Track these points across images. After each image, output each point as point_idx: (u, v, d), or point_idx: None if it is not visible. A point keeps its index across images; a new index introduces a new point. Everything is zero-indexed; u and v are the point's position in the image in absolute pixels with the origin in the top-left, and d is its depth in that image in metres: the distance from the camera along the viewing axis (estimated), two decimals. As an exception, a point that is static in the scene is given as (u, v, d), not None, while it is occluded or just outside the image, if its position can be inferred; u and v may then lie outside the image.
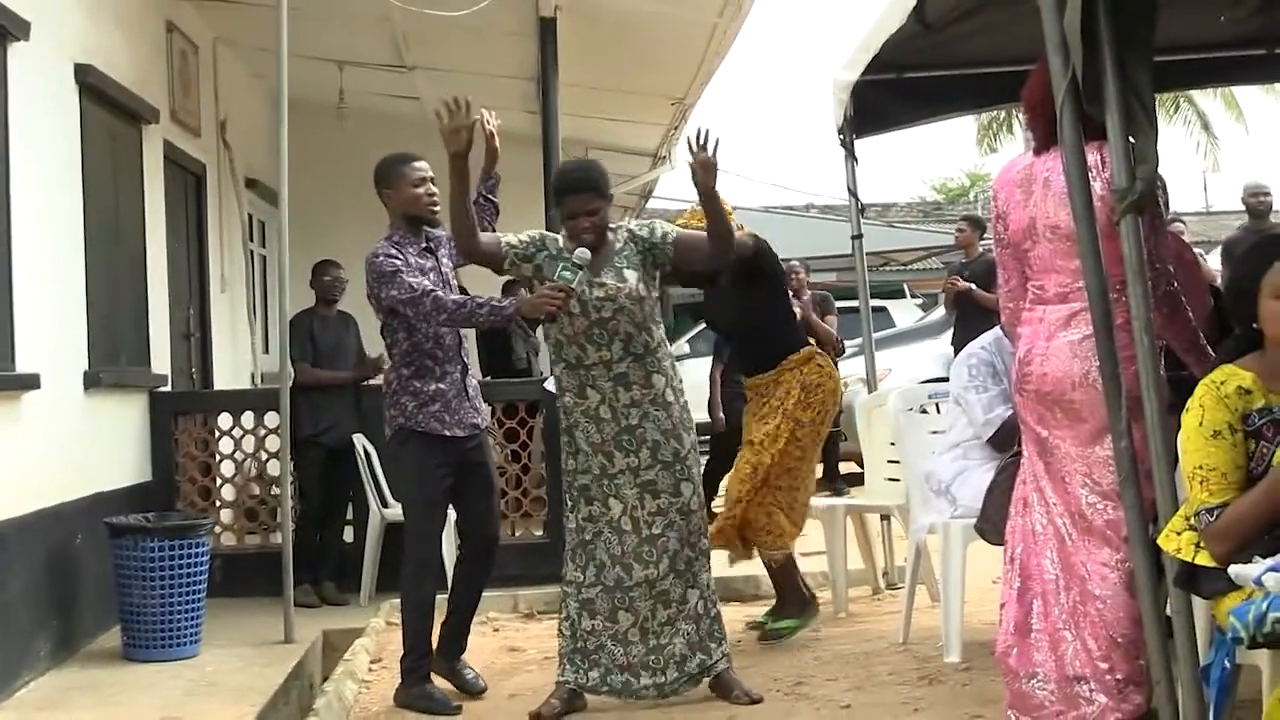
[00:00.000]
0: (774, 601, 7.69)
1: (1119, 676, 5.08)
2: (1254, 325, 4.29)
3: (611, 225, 6.31)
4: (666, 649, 6.20)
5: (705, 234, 6.20)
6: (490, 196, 6.71)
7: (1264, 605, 3.72)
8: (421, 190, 6.43)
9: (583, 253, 6.03)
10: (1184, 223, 12.16)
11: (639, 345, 6.15)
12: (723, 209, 6.09)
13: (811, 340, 7.83)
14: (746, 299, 7.39)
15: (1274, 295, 4.20)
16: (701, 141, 5.96)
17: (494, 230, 6.61)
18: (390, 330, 6.45)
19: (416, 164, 6.48)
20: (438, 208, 6.47)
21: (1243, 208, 13.63)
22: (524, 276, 6.36)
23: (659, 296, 6.32)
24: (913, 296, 24.51)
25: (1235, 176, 51.98)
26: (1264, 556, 3.91)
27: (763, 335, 7.50)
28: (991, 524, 6.22)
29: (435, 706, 6.36)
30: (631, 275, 6.14)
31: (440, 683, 6.54)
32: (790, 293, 12.57)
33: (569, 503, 6.27)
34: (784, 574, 7.51)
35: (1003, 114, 30.29)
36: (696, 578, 6.25)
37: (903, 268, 28.96)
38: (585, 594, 6.21)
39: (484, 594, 7.89)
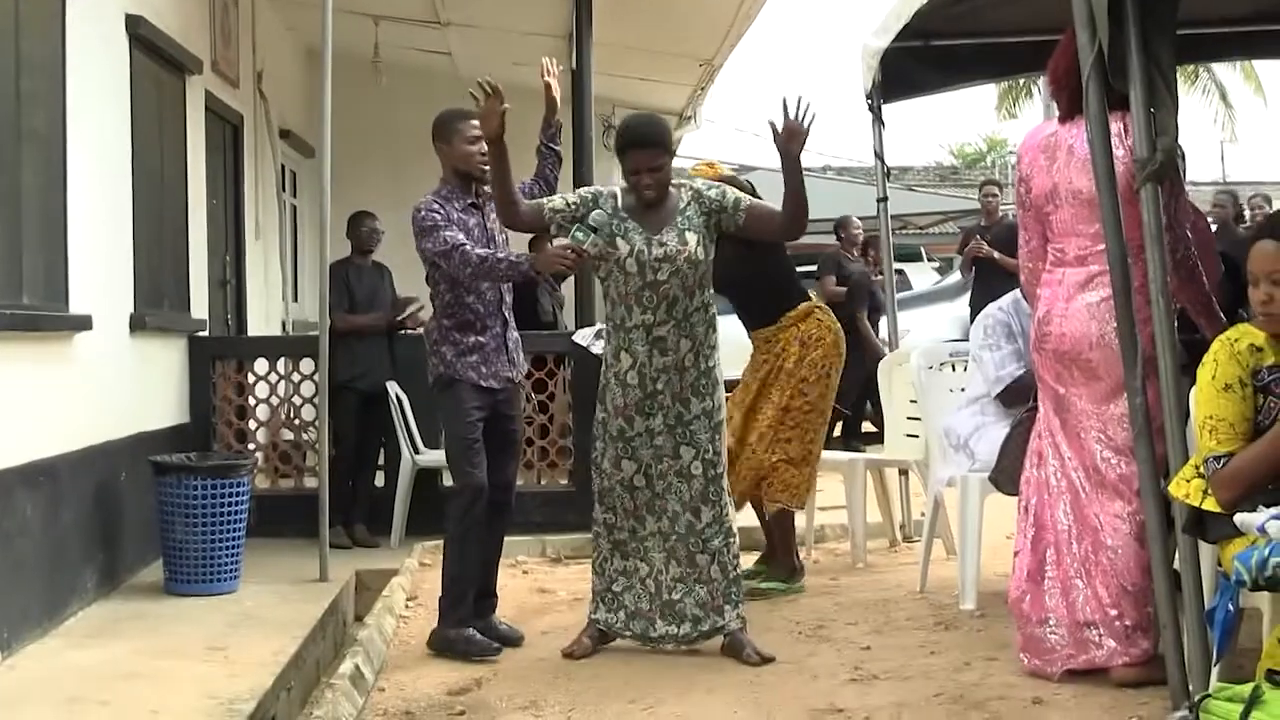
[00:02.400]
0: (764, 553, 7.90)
1: (1128, 623, 5.34)
2: None
3: (675, 182, 6.31)
4: (678, 606, 6.30)
5: (776, 209, 6.22)
6: (552, 145, 6.80)
7: (1266, 551, 3.99)
8: (474, 148, 6.51)
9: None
10: (1196, 190, 12.31)
11: (680, 310, 6.17)
12: (802, 181, 6.05)
13: (811, 295, 7.93)
14: (745, 257, 7.36)
15: (1254, 283, 4.47)
16: (799, 110, 5.93)
17: (557, 176, 6.79)
18: (434, 282, 6.60)
19: (473, 122, 6.52)
20: (487, 165, 6.49)
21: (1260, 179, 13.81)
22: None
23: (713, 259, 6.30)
24: (929, 260, 24.65)
25: (1253, 148, 51.90)
26: (1267, 505, 4.16)
27: (762, 291, 7.63)
28: (1006, 475, 6.46)
29: (474, 648, 6.43)
30: (692, 238, 6.14)
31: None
32: (843, 244, 12.97)
33: (597, 450, 6.36)
34: (781, 531, 7.67)
35: (1022, 80, 30.36)
36: (705, 543, 6.28)
37: (920, 231, 29.07)
38: (616, 535, 6.35)
39: (513, 539, 8.14)
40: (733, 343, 7.13)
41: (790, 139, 5.93)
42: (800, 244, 7.46)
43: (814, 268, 13.88)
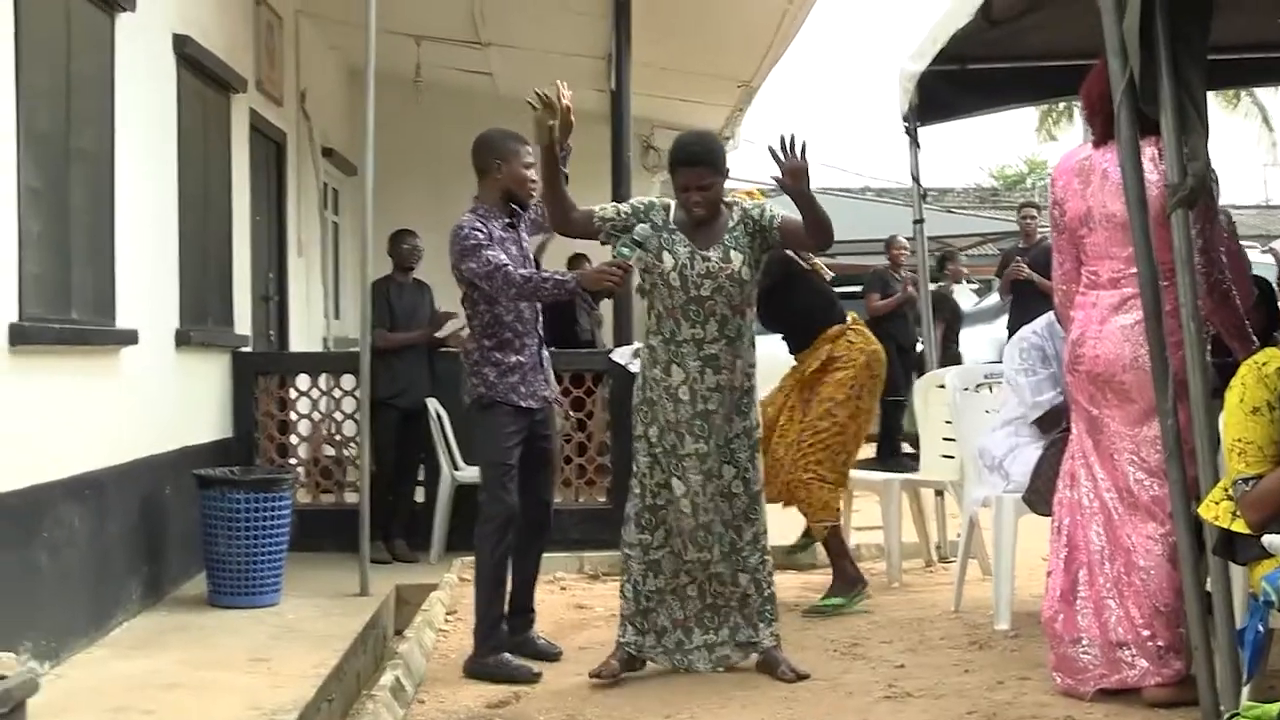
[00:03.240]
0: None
1: (1160, 643, 5.39)
2: None
3: (726, 201, 6.31)
4: (722, 610, 6.35)
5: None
6: (560, 168, 6.76)
7: (1294, 571, 4.03)
8: (530, 173, 6.57)
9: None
10: (1228, 215, 12.34)
11: (732, 328, 6.16)
12: (817, 208, 6.01)
13: (852, 315, 8.03)
14: (780, 291, 7.55)
15: None
16: (789, 148, 5.90)
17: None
18: (472, 302, 6.61)
19: (529, 148, 6.61)
20: (536, 194, 6.61)
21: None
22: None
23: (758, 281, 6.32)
24: (968, 282, 24.67)
25: (1296, 169, 51.63)
26: (1295, 527, 4.21)
27: (796, 319, 7.77)
28: (1039, 495, 6.52)
29: (515, 673, 6.42)
30: (737, 257, 6.14)
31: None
32: (891, 264, 13.39)
33: (639, 469, 6.31)
34: (835, 548, 7.72)
35: (1063, 103, 30.37)
36: (745, 560, 6.31)
37: (960, 253, 29.10)
38: (653, 555, 6.29)
39: (551, 556, 8.20)
40: (768, 360, 7.16)
41: (795, 179, 5.93)
42: (846, 264, 7.58)
43: (860, 288, 14.13)
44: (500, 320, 6.56)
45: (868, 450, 14.51)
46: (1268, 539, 4.27)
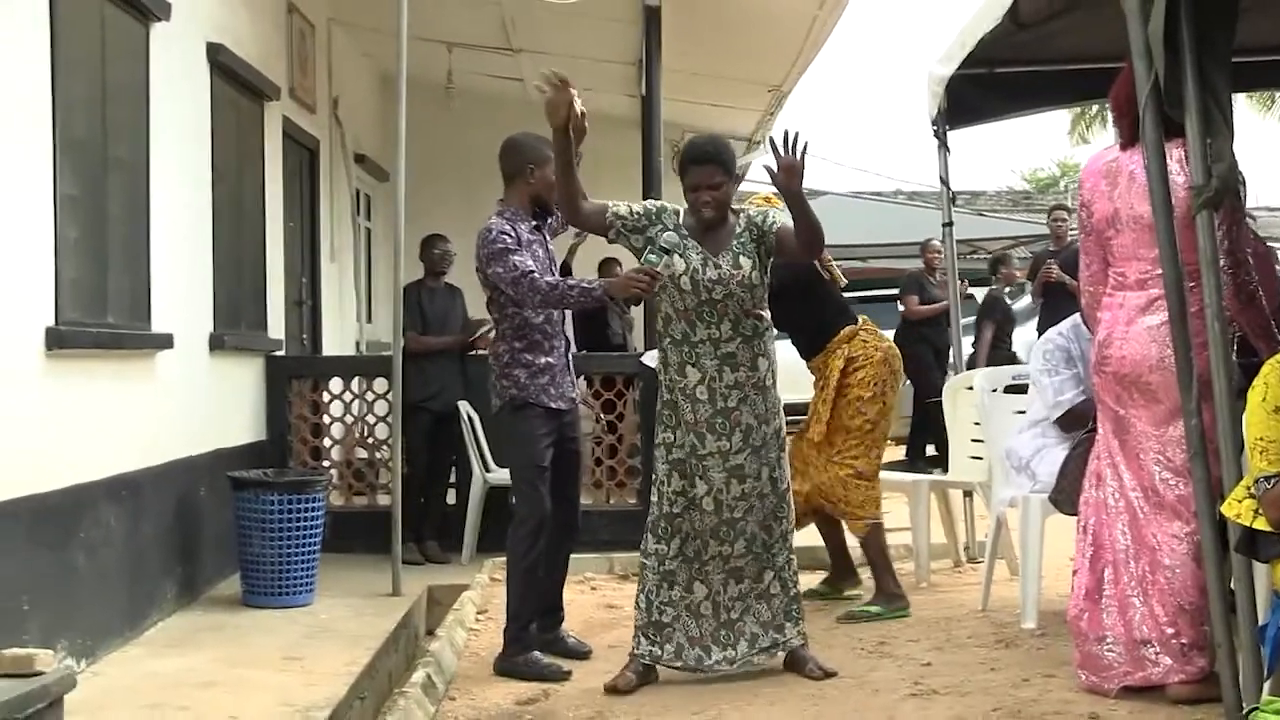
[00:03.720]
0: (831, 571, 8.15)
1: (1184, 641, 5.44)
2: None
3: (734, 208, 6.37)
4: (737, 625, 6.31)
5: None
6: (574, 154, 6.75)
7: (1314, 568, 4.07)
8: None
9: (670, 236, 6.17)
10: (1254, 218, 12.38)
11: (748, 327, 6.21)
12: (808, 210, 6.05)
13: (862, 317, 8.10)
14: (789, 296, 7.63)
15: None
16: (790, 145, 5.91)
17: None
18: (499, 305, 6.63)
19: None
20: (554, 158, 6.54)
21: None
22: (633, 248, 6.34)
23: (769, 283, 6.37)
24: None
25: (1330, 171, 51.42)
26: (1316, 524, 4.25)
27: (812, 325, 7.82)
28: (1065, 495, 6.56)
29: (545, 672, 6.48)
30: (746, 262, 6.18)
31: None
32: (926, 267, 13.55)
33: (659, 475, 6.32)
34: (877, 551, 7.74)
35: (1095, 106, 30.32)
36: (774, 559, 6.32)
37: (990, 256, 29.08)
38: (668, 565, 6.29)
39: (582, 556, 8.26)
40: (788, 368, 7.21)
41: (789, 177, 5.93)
42: (877, 268, 7.62)
43: (896, 291, 14.30)
44: (529, 322, 6.60)
45: (896, 452, 14.62)
46: (1288, 537, 4.32)
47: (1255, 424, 4.57)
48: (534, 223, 6.69)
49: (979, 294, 19.82)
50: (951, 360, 10.05)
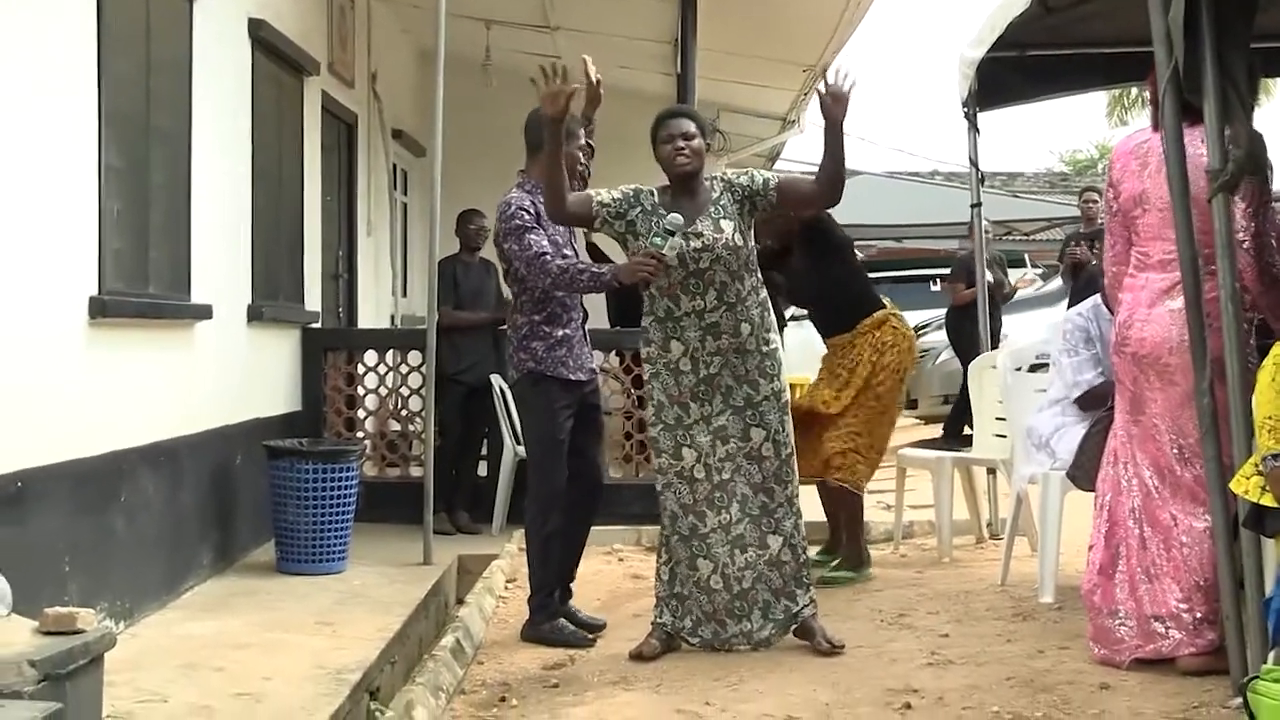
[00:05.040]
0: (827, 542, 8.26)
1: (1197, 615, 5.54)
2: None
3: (706, 176, 6.37)
4: (750, 594, 6.34)
5: (810, 178, 6.38)
6: (587, 140, 6.89)
7: (1316, 543, 4.18)
8: (582, 155, 6.72)
9: (675, 218, 6.13)
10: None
11: (732, 294, 6.23)
12: (843, 145, 6.09)
13: (887, 301, 8.23)
14: (819, 270, 7.76)
15: None
16: (839, 79, 6.05)
17: (590, 170, 6.93)
18: (516, 278, 6.70)
19: (584, 129, 6.76)
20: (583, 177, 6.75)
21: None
22: (616, 234, 6.36)
23: (754, 245, 6.42)
24: (1033, 266, 24.68)
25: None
26: (1320, 501, 4.37)
27: (839, 301, 7.96)
28: (1083, 471, 6.66)
29: (570, 638, 6.61)
30: (728, 225, 6.20)
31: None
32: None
33: (658, 443, 6.40)
34: (849, 517, 7.95)
35: (1134, 89, 30.23)
36: (779, 524, 6.34)
37: (1025, 238, 29.08)
38: (672, 541, 6.40)
39: (610, 529, 8.40)
40: (803, 347, 7.30)
41: (836, 102, 6.03)
42: (914, 249, 7.69)
43: (947, 270, 14.28)
44: (549, 295, 6.65)
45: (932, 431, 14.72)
46: (1292, 511, 4.43)
47: (1264, 403, 4.68)
48: None
49: (1014, 275, 19.93)
50: (978, 339, 10.09)
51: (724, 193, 6.31)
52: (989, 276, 13.79)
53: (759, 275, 6.40)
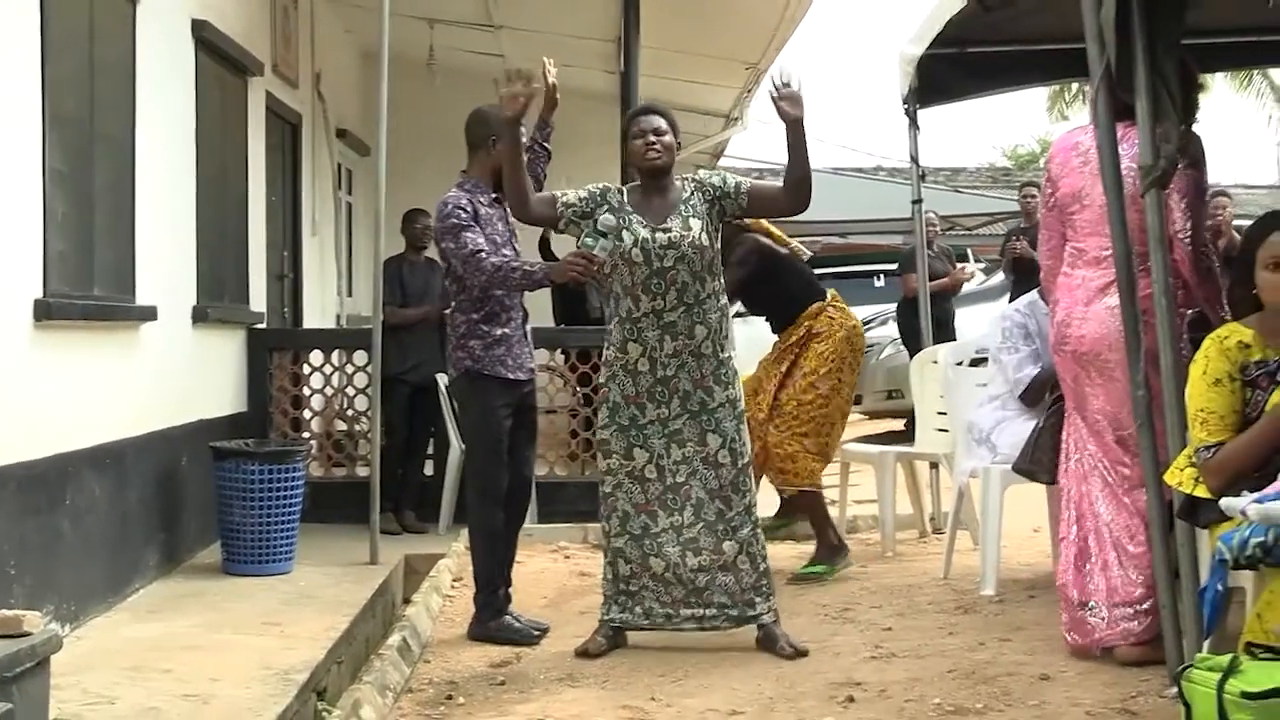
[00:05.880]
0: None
1: (1147, 605, 5.65)
2: (1253, 290, 4.83)
3: (678, 176, 6.40)
4: (705, 594, 6.30)
5: (778, 185, 6.33)
6: (544, 144, 6.91)
7: (1246, 532, 4.27)
8: (525, 155, 6.59)
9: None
10: (1229, 196, 12.56)
11: (691, 295, 6.21)
12: (807, 146, 6.08)
13: (831, 292, 8.26)
14: (754, 275, 7.85)
15: (1266, 266, 4.75)
16: (785, 80, 6.05)
17: (545, 174, 6.94)
18: (455, 276, 6.69)
19: (543, 133, 6.81)
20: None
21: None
22: (580, 234, 6.33)
23: (720, 248, 6.40)
24: (976, 261, 24.80)
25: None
26: (1251, 491, 4.45)
27: (778, 301, 8.04)
28: (1041, 465, 6.70)
29: (517, 636, 6.62)
30: (696, 224, 6.20)
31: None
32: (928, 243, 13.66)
33: (608, 444, 6.36)
34: (814, 514, 7.99)
35: (1075, 85, 30.42)
36: (735, 531, 6.29)
37: (968, 232, 29.19)
38: (615, 543, 6.37)
39: (556, 526, 8.43)
40: (749, 344, 7.35)
41: (789, 102, 6.03)
42: (859, 244, 7.75)
43: (893, 266, 14.40)
44: (488, 294, 6.64)
45: (877, 425, 14.80)
46: (1225, 502, 4.49)
47: (1196, 396, 4.77)
48: (494, 195, 6.74)
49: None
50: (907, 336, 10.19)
51: (695, 192, 6.32)
52: (944, 268, 13.97)
53: (720, 281, 6.40)
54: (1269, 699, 3.84)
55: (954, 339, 11.85)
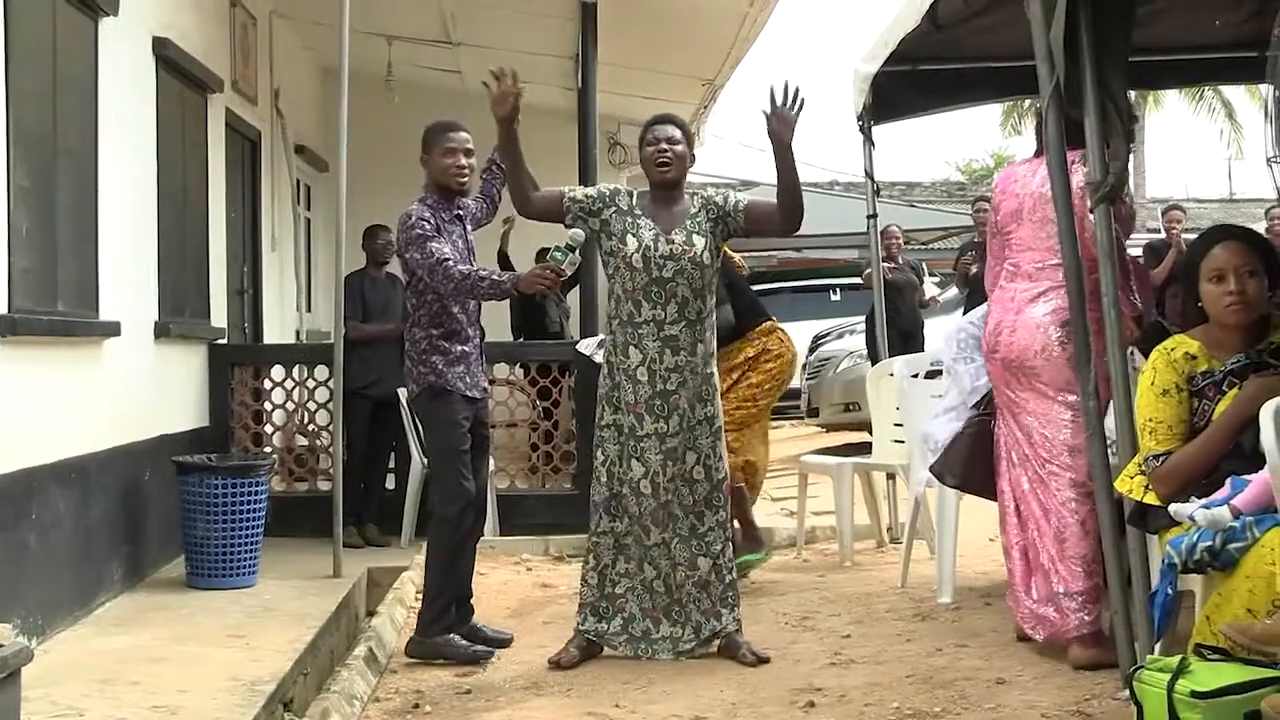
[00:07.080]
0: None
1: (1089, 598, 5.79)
2: (1199, 302, 4.96)
3: (689, 190, 6.48)
4: (687, 608, 6.40)
5: (773, 204, 6.33)
6: (500, 163, 6.83)
7: (1194, 537, 4.40)
8: (450, 161, 6.65)
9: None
10: (1183, 210, 12.73)
11: (692, 311, 6.27)
12: (795, 169, 6.15)
13: (772, 317, 8.40)
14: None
15: (1209, 279, 4.89)
16: (787, 97, 6.08)
17: (501, 195, 6.99)
18: (418, 291, 6.70)
19: (453, 134, 6.71)
20: (465, 179, 6.69)
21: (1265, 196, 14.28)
22: (588, 232, 6.36)
23: (719, 268, 6.49)
24: (930, 275, 24.96)
25: (1259, 164, 52.08)
26: (1199, 498, 4.57)
27: (726, 317, 8.08)
28: (950, 469, 6.79)
29: (458, 653, 6.55)
30: (699, 241, 6.27)
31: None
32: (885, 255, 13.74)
33: (608, 455, 6.39)
34: (738, 506, 7.90)
35: (1027, 100, 30.65)
36: (708, 546, 6.37)
37: (922, 246, 29.40)
38: (622, 541, 6.42)
39: (518, 539, 8.48)
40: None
41: (782, 124, 6.09)
42: (815, 259, 7.85)
43: (858, 280, 14.55)
44: (448, 310, 6.68)
45: (835, 438, 14.91)
46: (1173, 507, 4.62)
47: (1144, 406, 4.90)
48: (456, 211, 6.79)
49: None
50: (871, 350, 10.31)
51: (702, 209, 6.39)
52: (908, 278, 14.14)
53: (714, 298, 6.47)
54: (1216, 697, 3.96)
55: (923, 349, 11.98)
